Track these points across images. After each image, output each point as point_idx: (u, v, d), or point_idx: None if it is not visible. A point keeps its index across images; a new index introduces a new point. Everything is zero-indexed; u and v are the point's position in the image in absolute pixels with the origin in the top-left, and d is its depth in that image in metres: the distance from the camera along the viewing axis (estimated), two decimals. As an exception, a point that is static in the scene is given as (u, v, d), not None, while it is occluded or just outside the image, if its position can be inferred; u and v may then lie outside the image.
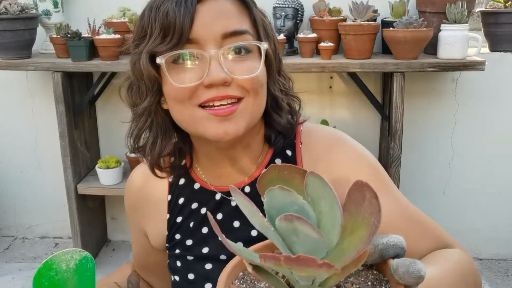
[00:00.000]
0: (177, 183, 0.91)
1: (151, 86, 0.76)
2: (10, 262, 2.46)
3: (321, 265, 0.38)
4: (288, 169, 0.50)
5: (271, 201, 0.47)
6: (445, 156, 2.36)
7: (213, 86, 0.72)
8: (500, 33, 2.19)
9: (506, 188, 2.36)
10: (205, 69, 0.72)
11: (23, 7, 2.09)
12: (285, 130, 0.84)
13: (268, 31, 0.80)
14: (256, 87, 0.75)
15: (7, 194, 2.67)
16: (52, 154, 2.47)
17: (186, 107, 0.74)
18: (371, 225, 0.43)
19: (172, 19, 0.71)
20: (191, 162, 0.89)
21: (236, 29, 0.74)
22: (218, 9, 0.73)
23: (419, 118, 2.32)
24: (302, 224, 0.42)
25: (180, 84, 0.73)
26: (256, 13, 0.78)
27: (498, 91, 2.26)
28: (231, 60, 0.74)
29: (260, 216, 0.47)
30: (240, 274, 0.53)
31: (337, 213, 0.44)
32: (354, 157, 0.83)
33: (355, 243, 0.43)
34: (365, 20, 2.00)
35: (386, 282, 0.49)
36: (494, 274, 2.30)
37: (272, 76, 0.81)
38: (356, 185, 0.45)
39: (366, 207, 0.44)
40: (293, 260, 0.39)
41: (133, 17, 2.14)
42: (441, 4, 1.99)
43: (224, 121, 0.73)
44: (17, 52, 2.14)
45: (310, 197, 0.47)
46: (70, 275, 0.67)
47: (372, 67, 1.95)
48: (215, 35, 0.73)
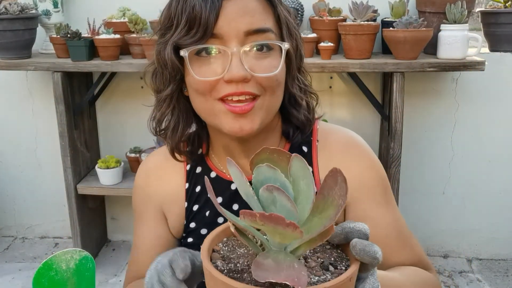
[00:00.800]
0: (194, 171, 0.92)
1: (174, 75, 0.79)
2: (10, 262, 2.46)
3: (288, 224, 0.45)
4: (277, 152, 0.57)
5: (258, 176, 0.55)
6: (445, 156, 2.36)
7: (233, 82, 0.74)
8: (500, 33, 2.19)
9: (506, 188, 2.36)
10: (226, 64, 0.74)
11: (23, 7, 2.09)
12: (303, 125, 0.87)
13: (291, 30, 0.81)
14: (274, 85, 0.77)
15: (7, 194, 2.67)
16: (52, 154, 2.47)
17: (206, 99, 0.77)
18: (338, 206, 0.50)
19: (198, 13, 0.73)
20: (207, 150, 0.90)
21: (259, 27, 0.75)
22: (243, 6, 0.75)
23: (419, 118, 2.32)
24: (280, 194, 0.49)
25: (201, 77, 0.75)
26: (281, 11, 0.80)
27: (498, 91, 2.26)
28: (252, 57, 0.75)
29: (248, 186, 0.54)
30: (224, 239, 0.61)
31: (311, 192, 0.52)
32: (368, 163, 0.87)
33: (323, 220, 0.51)
34: (365, 20, 2.00)
35: (347, 260, 0.57)
36: (494, 274, 2.30)
37: (291, 74, 0.83)
38: (332, 172, 0.52)
39: (337, 190, 0.51)
40: (266, 217, 0.46)
41: (133, 17, 2.14)
42: (441, 4, 1.99)
43: (240, 117, 0.76)
44: (17, 52, 2.14)
45: (292, 177, 0.54)
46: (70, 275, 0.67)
47: (372, 67, 1.95)
48: (239, 32, 0.74)
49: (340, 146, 0.88)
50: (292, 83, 0.84)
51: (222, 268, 0.55)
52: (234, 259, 0.57)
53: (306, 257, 0.56)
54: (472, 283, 2.24)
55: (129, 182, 2.31)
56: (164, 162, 0.93)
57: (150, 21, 2.21)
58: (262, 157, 0.56)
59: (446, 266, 2.38)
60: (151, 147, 2.36)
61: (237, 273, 0.54)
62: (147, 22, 2.20)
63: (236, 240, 0.61)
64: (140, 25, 2.15)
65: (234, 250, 0.59)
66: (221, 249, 0.59)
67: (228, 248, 0.59)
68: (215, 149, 0.90)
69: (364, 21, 2.00)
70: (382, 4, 2.13)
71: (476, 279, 2.26)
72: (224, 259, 0.57)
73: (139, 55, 2.11)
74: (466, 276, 2.29)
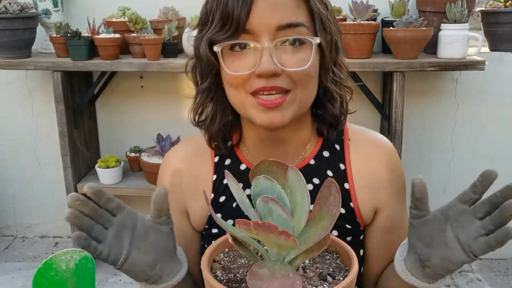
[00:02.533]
0: (223, 163, 0.92)
1: (210, 69, 0.82)
2: (10, 261, 2.46)
3: (281, 232, 0.47)
4: (276, 164, 0.58)
5: (256, 187, 0.56)
6: (445, 156, 2.36)
7: (263, 76, 0.75)
8: (500, 33, 2.19)
9: (506, 187, 2.36)
10: (257, 59, 0.75)
11: (23, 6, 2.09)
12: (336, 120, 0.88)
13: (325, 23, 0.81)
14: (305, 79, 0.78)
15: (7, 193, 2.67)
16: (52, 154, 2.47)
17: (239, 92, 0.79)
18: (333, 216, 0.52)
19: (231, 10, 0.75)
20: (238, 141, 0.91)
21: (290, 21, 0.76)
22: (274, 1, 0.76)
23: (419, 118, 2.32)
24: (275, 205, 0.50)
25: (233, 72, 0.77)
26: (314, 4, 0.80)
27: (498, 90, 2.26)
28: (283, 51, 0.76)
29: (245, 198, 0.56)
30: (226, 250, 0.62)
31: (306, 203, 0.53)
32: (397, 165, 0.91)
33: (319, 230, 0.52)
34: (365, 19, 2.00)
35: (345, 270, 0.57)
36: (494, 274, 2.30)
37: (325, 67, 0.83)
38: (326, 182, 0.54)
39: (331, 201, 0.53)
40: (260, 226, 0.47)
41: (132, 16, 2.14)
42: (441, 4, 1.99)
43: (270, 111, 0.77)
44: (17, 52, 2.14)
45: (289, 188, 0.56)
46: (70, 275, 0.67)
47: (372, 66, 1.95)
48: (270, 27, 0.75)
49: (372, 147, 0.90)
50: (326, 77, 0.84)
51: (221, 278, 0.55)
52: (234, 269, 0.58)
53: (305, 267, 0.57)
54: (472, 282, 2.24)
55: (129, 181, 2.31)
56: (192, 154, 0.94)
57: (150, 20, 2.21)
58: (262, 169, 0.58)
59: (446, 265, 2.39)
60: (151, 146, 2.36)
61: (235, 283, 0.54)
62: (147, 21, 2.20)
63: (237, 250, 0.61)
64: (140, 25, 2.15)
65: (235, 261, 0.60)
66: (221, 259, 0.60)
67: (229, 259, 0.60)
68: (246, 141, 0.91)
69: (364, 20, 2.00)
70: (382, 3, 2.13)
71: (476, 279, 2.27)
72: (224, 269, 0.58)
73: (139, 55, 2.11)
74: (466, 276, 2.29)
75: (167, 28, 2.09)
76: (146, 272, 0.69)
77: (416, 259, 0.69)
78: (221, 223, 0.54)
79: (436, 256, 0.66)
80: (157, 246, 0.69)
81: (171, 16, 2.17)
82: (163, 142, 2.28)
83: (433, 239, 0.66)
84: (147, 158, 2.26)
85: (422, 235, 0.67)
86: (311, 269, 0.57)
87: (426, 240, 0.67)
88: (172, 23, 2.11)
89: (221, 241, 0.62)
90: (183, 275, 0.72)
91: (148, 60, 2.06)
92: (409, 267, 0.70)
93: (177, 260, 0.73)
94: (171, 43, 2.10)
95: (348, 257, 0.58)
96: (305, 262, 0.58)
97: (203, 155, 0.93)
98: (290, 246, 0.49)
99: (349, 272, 0.55)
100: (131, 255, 0.67)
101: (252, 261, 0.58)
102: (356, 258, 0.59)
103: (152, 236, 0.69)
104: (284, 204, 0.52)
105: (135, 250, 0.68)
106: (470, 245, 0.64)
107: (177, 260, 0.73)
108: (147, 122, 2.46)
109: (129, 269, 0.68)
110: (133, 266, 0.68)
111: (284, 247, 0.50)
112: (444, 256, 0.65)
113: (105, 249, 0.66)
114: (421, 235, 0.67)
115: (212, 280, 0.52)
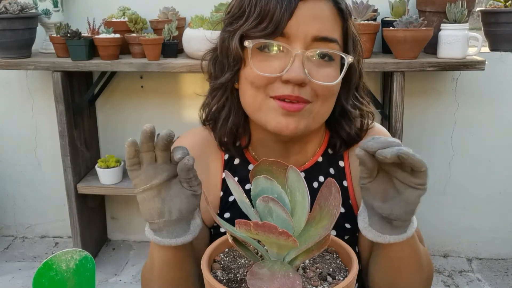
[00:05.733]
0: (232, 162, 0.92)
1: (233, 64, 0.80)
2: (10, 262, 2.46)
3: (281, 232, 0.47)
4: (276, 164, 0.59)
5: (256, 188, 0.56)
6: (445, 156, 2.36)
7: (290, 83, 0.75)
8: (500, 33, 2.19)
9: (506, 188, 2.36)
10: (287, 64, 0.75)
11: (22, 6, 2.09)
12: (350, 139, 0.88)
13: (356, 46, 0.83)
14: (327, 95, 0.78)
15: (7, 193, 2.67)
16: (52, 154, 2.47)
17: (258, 93, 0.78)
18: (333, 216, 0.52)
19: (273, 9, 0.74)
20: (247, 144, 0.91)
21: (327, 35, 0.76)
22: (316, 12, 0.76)
23: (419, 118, 2.32)
24: (275, 205, 0.50)
25: (260, 71, 0.76)
26: (350, 25, 0.81)
27: (498, 90, 2.26)
28: (313, 63, 0.76)
29: (245, 198, 0.56)
30: (226, 250, 0.63)
31: (306, 203, 0.53)
32: None
33: (319, 230, 0.53)
34: (365, 19, 2.00)
35: (345, 270, 0.58)
36: (494, 274, 2.30)
37: (348, 88, 0.84)
38: (327, 183, 0.54)
39: (332, 201, 0.53)
40: (260, 226, 0.47)
41: (132, 16, 2.14)
42: (441, 4, 1.99)
43: (288, 116, 0.77)
44: (16, 52, 2.14)
45: (289, 188, 0.56)
46: (70, 275, 0.67)
47: (372, 66, 1.95)
48: (306, 36, 0.75)
49: None
50: (347, 98, 0.85)
51: (221, 278, 0.56)
52: (234, 269, 0.58)
53: (305, 267, 0.57)
54: (472, 282, 2.24)
55: (129, 181, 2.30)
56: (202, 145, 0.93)
57: (150, 20, 2.21)
58: (262, 169, 0.58)
59: (446, 265, 2.39)
60: (151, 146, 2.36)
61: (235, 283, 0.55)
62: (147, 21, 2.20)
63: (237, 250, 0.61)
64: (140, 25, 2.15)
65: (235, 261, 0.60)
66: (222, 259, 0.60)
67: (229, 259, 0.60)
68: (255, 144, 0.90)
69: (364, 20, 2.00)
70: (382, 3, 2.12)
71: (476, 279, 2.27)
72: (224, 269, 0.58)
73: (139, 55, 2.11)
74: (466, 276, 2.29)
75: (167, 28, 2.09)
76: (151, 215, 0.71)
77: (380, 218, 0.69)
78: (221, 223, 0.54)
79: (395, 206, 0.67)
80: (174, 202, 0.71)
81: (171, 16, 2.17)
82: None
83: (386, 193, 0.67)
84: (147, 158, 2.26)
85: (377, 194, 0.68)
86: (311, 269, 0.57)
87: (381, 197, 0.68)
88: (172, 23, 2.11)
89: (221, 241, 0.62)
90: (179, 243, 0.72)
91: (148, 60, 2.06)
92: (378, 229, 0.70)
93: (185, 227, 0.72)
94: (171, 43, 2.10)
95: (348, 257, 0.58)
96: (305, 262, 0.58)
97: (213, 149, 0.92)
98: (290, 246, 0.49)
99: (349, 272, 0.55)
100: (148, 193, 0.70)
101: (252, 261, 0.58)
102: (356, 258, 0.59)
103: (174, 192, 0.71)
104: (284, 204, 0.53)
105: (156, 191, 0.70)
106: (410, 180, 0.65)
107: (185, 227, 0.73)
108: (147, 122, 2.43)
109: (141, 202, 0.72)
110: (146, 201, 0.71)
111: (284, 247, 0.51)
112: (401, 202, 0.67)
113: (138, 171, 0.70)
114: (376, 194, 0.68)
115: (212, 280, 0.53)
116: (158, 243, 0.72)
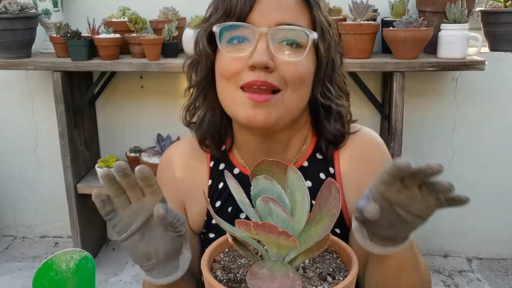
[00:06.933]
0: (217, 168, 0.92)
1: (205, 60, 0.83)
2: (10, 262, 2.46)
3: (281, 232, 0.47)
4: (276, 164, 0.58)
5: (256, 188, 0.56)
6: (445, 156, 2.36)
7: (256, 69, 0.75)
8: (500, 33, 2.19)
9: (506, 188, 2.36)
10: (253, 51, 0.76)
11: (22, 6, 2.09)
12: (335, 138, 0.88)
13: (325, 35, 0.82)
14: (297, 81, 0.78)
15: (7, 193, 2.67)
16: (52, 154, 2.47)
17: (230, 85, 0.79)
18: (333, 216, 0.52)
19: (234, 3, 0.77)
20: (231, 146, 0.92)
21: (292, 22, 0.78)
22: (279, 1, 0.78)
23: (419, 118, 2.32)
24: (275, 205, 0.50)
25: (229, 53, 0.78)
26: (317, 14, 0.81)
27: (498, 90, 2.26)
28: (279, 49, 0.77)
29: (245, 198, 0.56)
30: (226, 250, 0.62)
31: (306, 203, 0.54)
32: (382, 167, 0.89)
33: (319, 230, 0.53)
34: (365, 19, 2.00)
35: (345, 270, 0.58)
36: (494, 274, 2.30)
37: (319, 77, 0.84)
38: (327, 182, 0.54)
39: (331, 201, 0.53)
40: (260, 226, 0.47)
41: (132, 16, 2.14)
42: (441, 4, 1.99)
43: (257, 107, 0.77)
44: (16, 52, 2.14)
45: (289, 188, 0.56)
46: (70, 275, 0.67)
47: (372, 66, 1.95)
48: (270, 24, 0.77)
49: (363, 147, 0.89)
50: (317, 88, 0.84)
51: (221, 278, 0.56)
52: (234, 269, 0.58)
53: (305, 267, 0.57)
54: (472, 282, 2.24)
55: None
56: (190, 154, 0.94)
57: (150, 20, 2.21)
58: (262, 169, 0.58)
59: (446, 265, 2.39)
60: (151, 146, 2.36)
61: (235, 283, 0.55)
62: (147, 21, 2.20)
63: (237, 250, 0.61)
64: (140, 25, 2.14)
65: (235, 261, 0.60)
66: (221, 259, 0.60)
67: (229, 259, 0.60)
68: (239, 145, 0.91)
69: (364, 20, 2.00)
70: (382, 3, 2.12)
71: (476, 279, 2.27)
72: (224, 269, 0.58)
73: (139, 55, 2.11)
74: (466, 276, 2.29)
75: (167, 28, 2.09)
76: (140, 259, 0.70)
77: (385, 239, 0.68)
78: (221, 224, 0.54)
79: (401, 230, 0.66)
80: (159, 243, 0.69)
81: (171, 16, 2.17)
82: (163, 142, 2.28)
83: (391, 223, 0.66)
84: (147, 158, 2.26)
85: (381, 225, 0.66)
86: (311, 269, 0.57)
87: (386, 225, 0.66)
88: (172, 23, 2.11)
89: (221, 241, 0.62)
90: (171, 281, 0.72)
91: (148, 60, 2.06)
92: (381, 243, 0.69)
93: (174, 264, 0.72)
94: (171, 43, 2.10)
95: (348, 257, 0.58)
96: (305, 262, 0.58)
97: (199, 158, 0.94)
98: (290, 246, 0.50)
99: (349, 272, 0.55)
100: (131, 240, 0.68)
101: (252, 261, 0.58)
102: (356, 258, 0.59)
103: (158, 233, 0.69)
104: (284, 204, 0.53)
105: (138, 235, 0.68)
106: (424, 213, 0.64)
107: (175, 264, 0.72)
108: (147, 122, 2.46)
109: (127, 248, 0.70)
110: (131, 247, 0.69)
111: (284, 247, 0.51)
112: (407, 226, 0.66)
113: (116, 219, 0.68)
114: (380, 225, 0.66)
115: (212, 280, 0.53)
116: (151, 282, 0.72)
